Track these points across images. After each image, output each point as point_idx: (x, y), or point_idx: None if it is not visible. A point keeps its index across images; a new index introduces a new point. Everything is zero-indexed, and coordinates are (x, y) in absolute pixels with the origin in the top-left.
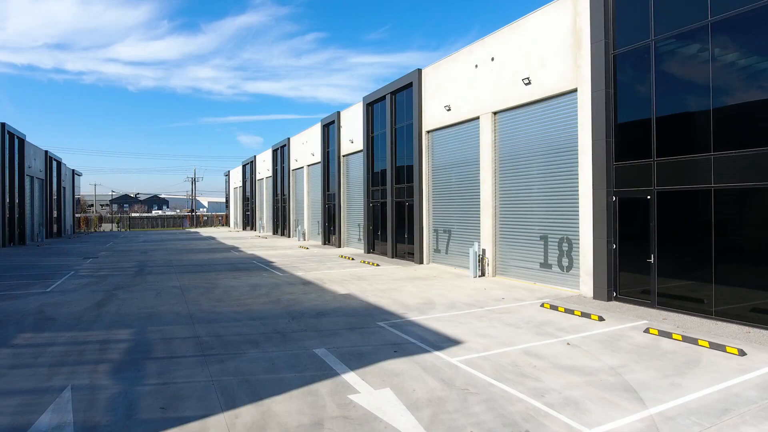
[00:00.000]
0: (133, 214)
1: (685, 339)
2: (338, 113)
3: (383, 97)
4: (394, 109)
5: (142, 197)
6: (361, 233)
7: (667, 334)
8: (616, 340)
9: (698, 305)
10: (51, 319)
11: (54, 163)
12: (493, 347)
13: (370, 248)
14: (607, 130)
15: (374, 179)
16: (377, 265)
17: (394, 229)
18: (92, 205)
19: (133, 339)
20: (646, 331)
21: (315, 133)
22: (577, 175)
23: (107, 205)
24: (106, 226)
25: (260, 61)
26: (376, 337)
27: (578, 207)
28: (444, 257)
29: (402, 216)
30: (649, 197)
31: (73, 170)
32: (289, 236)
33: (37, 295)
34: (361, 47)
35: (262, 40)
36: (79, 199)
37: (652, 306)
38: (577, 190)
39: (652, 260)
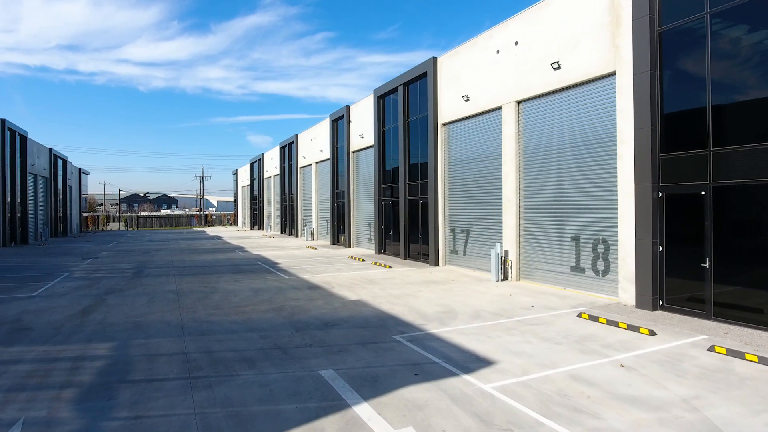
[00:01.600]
0: (142, 213)
1: (762, 360)
2: (347, 107)
3: (395, 89)
4: (407, 101)
5: (151, 196)
6: (372, 233)
7: (738, 354)
8: (678, 360)
9: (764, 317)
10: (26, 330)
11: (59, 161)
12: (533, 370)
13: (382, 249)
14: (652, 118)
15: (386, 176)
16: (389, 267)
17: (407, 228)
18: (102, 204)
19: (111, 355)
20: (711, 349)
21: (323, 128)
22: (616, 168)
23: (117, 204)
24: (114, 226)
25: (270, 61)
26: (393, 354)
27: (617, 204)
28: (461, 259)
29: (415, 215)
30: (703, 192)
31: (80, 169)
32: (297, 236)
33: (21, 301)
34: (371, 46)
35: (272, 40)
36: (86, 198)
37: (707, 317)
38: (616, 186)
39: (707, 264)
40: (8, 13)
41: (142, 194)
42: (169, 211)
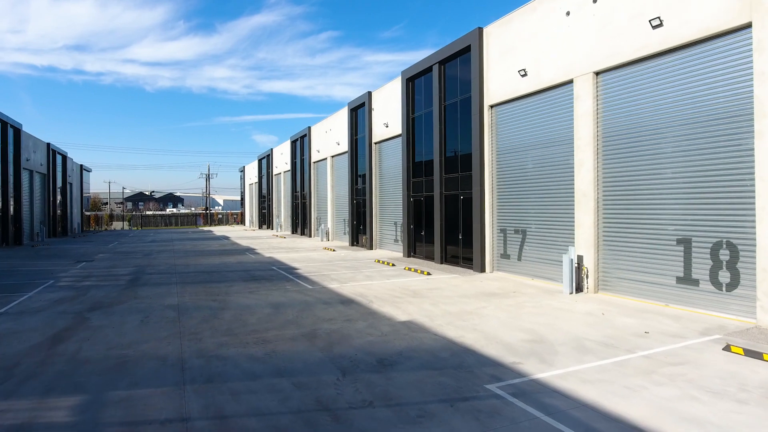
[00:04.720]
0: (147, 212)
1: None
2: (369, 94)
3: (429, 69)
4: (444, 82)
5: (157, 195)
6: (399, 233)
7: None
8: None
9: None
10: None
11: (58, 157)
12: None
13: (411, 251)
14: None
15: (416, 168)
16: (428, 273)
17: (443, 228)
18: (107, 203)
19: (73, 423)
20: None
21: (340, 119)
22: (752, 150)
23: (122, 203)
24: (117, 225)
25: (275, 61)
26: (504, 424)
27: (753, 197)
28: (515, 265)
29: (454, 212)
30: None
31: (82, 165)
32: (310, 236)
33: None
34: (375, 45)
35: (277, 39)
36: (89, 197)
37: None
38: (752, 173)
39: None
40: (15, 14)
41: (147, 193)
42: (174, 210)
